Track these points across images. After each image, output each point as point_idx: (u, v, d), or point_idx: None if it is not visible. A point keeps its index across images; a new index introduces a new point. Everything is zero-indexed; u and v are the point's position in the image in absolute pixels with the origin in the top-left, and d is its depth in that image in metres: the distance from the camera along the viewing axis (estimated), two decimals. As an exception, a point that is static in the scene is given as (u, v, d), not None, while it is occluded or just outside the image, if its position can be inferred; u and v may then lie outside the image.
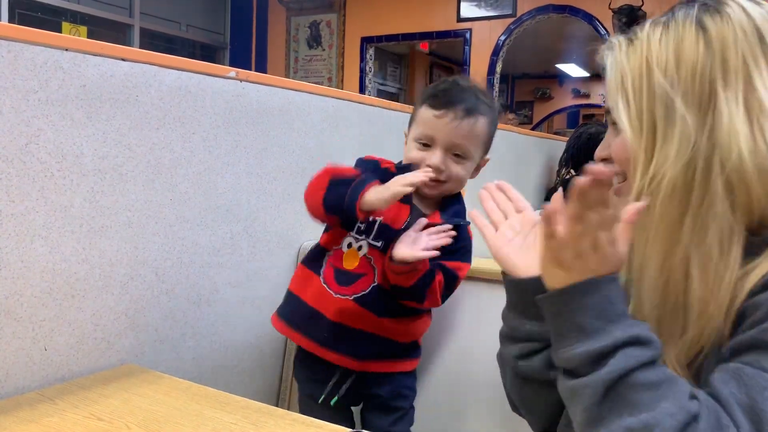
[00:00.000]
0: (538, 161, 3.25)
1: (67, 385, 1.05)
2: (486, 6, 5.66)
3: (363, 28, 6.20)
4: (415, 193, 1.16)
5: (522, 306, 0.81)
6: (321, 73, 6.45)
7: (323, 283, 1.20)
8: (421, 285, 1.14)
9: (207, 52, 6.44)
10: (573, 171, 2.92)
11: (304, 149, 1.57)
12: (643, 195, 0.69)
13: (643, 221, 0.67)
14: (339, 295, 1.18)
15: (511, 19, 5.53)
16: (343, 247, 1.20)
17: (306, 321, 1.21)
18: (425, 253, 1.10)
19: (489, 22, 5.64)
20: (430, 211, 1.22)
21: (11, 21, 4.72)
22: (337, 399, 1.23)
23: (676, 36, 0.70)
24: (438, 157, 1.16)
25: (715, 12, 0.70)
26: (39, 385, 1.04)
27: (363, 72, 6.25)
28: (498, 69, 5.67)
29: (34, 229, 1.02)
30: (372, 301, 1.18)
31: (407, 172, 1.15)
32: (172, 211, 1.26)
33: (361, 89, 6.16)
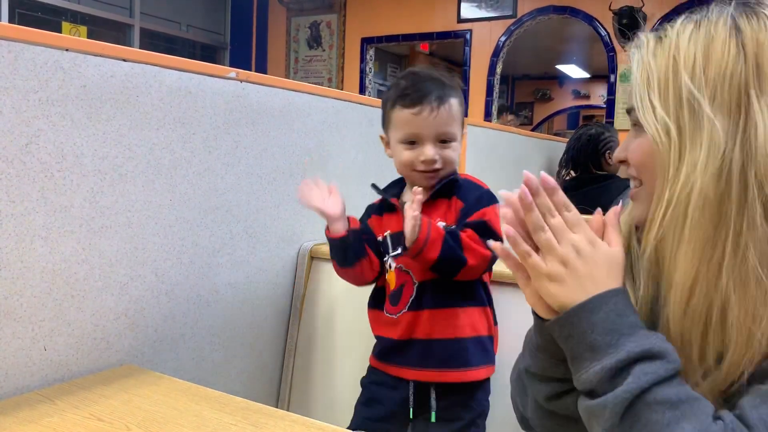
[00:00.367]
0: (538, 162, 3.26)
1: (67, 385, 1.05)
2: (486, 7, 5.65)
3: (363, 28, 6.19)
4: (409, 186, 1.24)
5: (553, 348, 0.73)
6: (321, 74, 6.44)
7: (385, 313, 1.26)
8: (448, 249, 1.12)
9: (207, 53, 6.43)
10: (573, 172, 2.92)
11: (305, 150, 1.57)
12: (672, 206, 0.65)
13: (671, 234, 0.64)
14: (392, 315, 1.24)
15: (512, 20, 5.53)
16: (386, 276, 1.27)
17: (387, 352, 1.26)
18: (413, 204, 1.09)
19: (489, 22, 5.64)
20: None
21: (11, 21, 4.72)
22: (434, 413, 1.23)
23: (707, 35, 0.66)
24: (430, 150, 1.19)
25: (752, 13, 0.66)
26: (39, 386, 1.04)
27: (363, 72, 6.25)
28: (498, 70, 5.67)
29: (34, 229, 1.02)
30: (423, 301, 1.21)
31: (388, 191, 1.27)
32: (172, 212, 1.26)
33: (361, 90, 6.16)
